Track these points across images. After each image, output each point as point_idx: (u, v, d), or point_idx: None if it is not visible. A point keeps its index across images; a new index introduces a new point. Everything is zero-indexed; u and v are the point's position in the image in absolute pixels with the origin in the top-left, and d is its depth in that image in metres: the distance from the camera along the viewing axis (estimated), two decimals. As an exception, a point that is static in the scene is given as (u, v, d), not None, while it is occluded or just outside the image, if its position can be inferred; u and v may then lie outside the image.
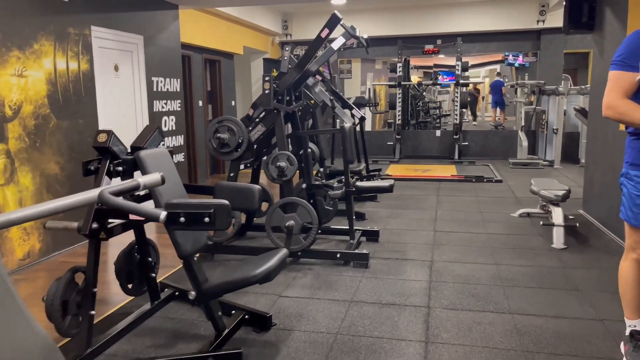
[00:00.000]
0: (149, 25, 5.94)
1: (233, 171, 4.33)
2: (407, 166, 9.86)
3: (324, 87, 6.63)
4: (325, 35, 4.06)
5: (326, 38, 4.09)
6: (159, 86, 6.16)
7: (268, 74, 4.04)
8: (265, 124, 4.28)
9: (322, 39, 4.07)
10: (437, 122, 17.17)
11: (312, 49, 4.14)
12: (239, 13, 8.75)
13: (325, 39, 4.08)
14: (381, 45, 11.19)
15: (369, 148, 9.85)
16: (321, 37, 4.07)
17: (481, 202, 6.58)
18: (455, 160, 10.24)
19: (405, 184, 7.95)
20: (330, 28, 4.07)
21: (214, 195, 2.97)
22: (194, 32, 7.73)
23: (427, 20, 10.56)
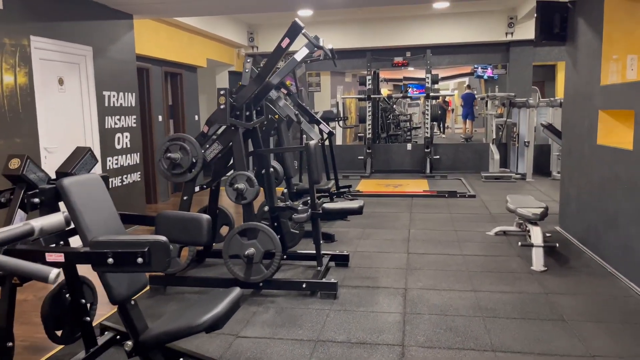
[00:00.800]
0: (99, 36, 5.51)
1: (187, 193, 3.92)
2: (378, 181, 9.58)
3: (289, 101, 6.30)
4: (286, 45, 3.73)
5: (287, 48, 3.75)
6: (111, 101, 5.72)
7: (224, 87, 3.67)
8: (222, 142, 3.90)
9: (283, 49, 3.74)
10: (407, 135, 17.06)
11: (272, 60, 3.79)
12: (201, 24, 8.37)
13: (285, 49, 3.75)
14: (350, 58, 10.96)
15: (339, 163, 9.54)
16: (281, 47, 3.73)
17: (455, 219, 6.32)
18: (427, 174, 10.02)
19: (376, 200, 7.65)
20: (291, 37, 3.73)
21: (155, 228, 2.57)
22: (152, 43, 7.31)
23: (396, 32, 10.39)
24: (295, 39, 3.73)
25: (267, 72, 3.83)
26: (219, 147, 3.91)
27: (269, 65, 3.81)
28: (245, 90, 3.88)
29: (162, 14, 6.49)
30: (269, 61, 3.80)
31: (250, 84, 3.88)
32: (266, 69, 3.82)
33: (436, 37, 10.27)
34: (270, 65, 3.80)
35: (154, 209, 7.55)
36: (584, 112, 4.91)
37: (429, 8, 9.52)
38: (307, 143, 3.98)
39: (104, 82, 5.60)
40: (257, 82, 3.86)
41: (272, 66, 3.81)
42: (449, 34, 10.23)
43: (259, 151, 4.19)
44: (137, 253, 1.95)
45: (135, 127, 6.18)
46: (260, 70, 3.85)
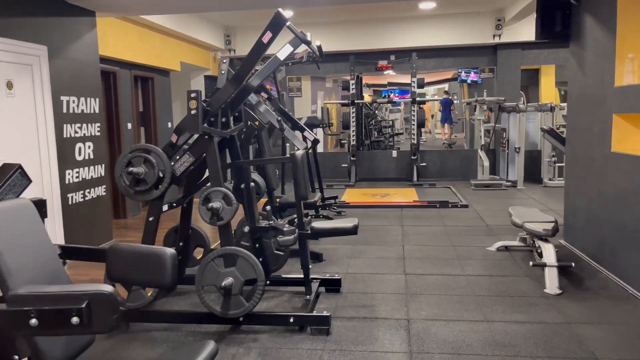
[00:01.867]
0: (55, 34, 4.91)
1: (153, 214, 3.36)
2: (364, 190, 9.10)
3: (270, 106, 5.77)
4: (268, 40, 3.21)
5: (269, 44, 3.23)
6: (70, 107, 5.12)
7: (195, 90, 3.13)
8: (194, 153, 3.36)
9: (264, 44, 3.22)
10: (390, 141, 16.69)
11: (252, 59, 3.27)
12: (174, 25, 7.80)
13: (267, 45, 3.23)
14: (333, 62, 10.48)
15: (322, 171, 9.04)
16: (262, 42, 3.21)
17: (451, 232, 5.86)
18: (415, 182, 9.58)
19: (364, 211, 7.16)
20: (273, 31, 3.22)
21: (106, 266, 2.03)
22: (120, 44, 6.72)
23: (380, 34, 9.96)
24: (278, 33, 3.22)
25: (245, 73, 3.31)
26: (191, 159, 3.37)
27: (247, 65, 3.28)
28: (221, 93, 3.34)
29: (128, 11, 5.92)
30: (247, 60, 3.28)
31: (226, 86, 3.35)
32: (245, 68, 3.30)
33: (422, 40, 9.87)
34: (250, 65, 3.28)
35: (123, 224, 6.93)
36: (594, 117, 4.50)
37: (414, 9, 9.12)
38: (294, 154, 3.47)
39: (62, 86, 5.00)
40: (234, 83, 3.33)
41: (251, 66, 3.29)
42: (435, 36, 9.84)
43: (237, 163, 3.65)
44: (72, 311, 1.43)
45: (99, 135, 5.58)
46: (237, 70, 3.32)
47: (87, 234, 5.32)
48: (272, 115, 4.77)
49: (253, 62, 3.27)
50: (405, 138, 21.85)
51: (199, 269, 3.21)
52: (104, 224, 5.65)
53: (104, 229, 5.64)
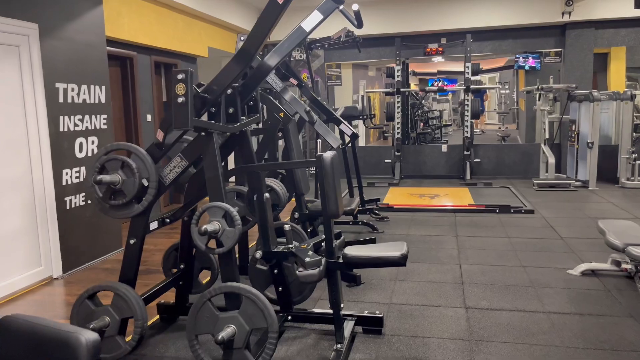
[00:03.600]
0: (49, 10, 4.19)
1: (135, 234, 2.56)
2: (410, 190, 8.11)
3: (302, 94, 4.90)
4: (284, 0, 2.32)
5: (285, 4, 2.34)
6: (68, 96, 4.40)
7: (183, 69, 2.28)
8: (187, 156, 2.52)
9: (279, 5, 2.33)
10: (436, 133, 15.55)
11: (263, 26, 2.39)
12: (199, 5, 7.02)
13: (283, 5, 2.34)
14: (376, 46, 9.50)
15: (363, 167, 8.12)
16: (277, 2, 2.32)
17: (517, 246, 4.83)
18: (468, 181, 8.50)
19: (410, 217, 6.20)
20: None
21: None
22: (136, 26, 5.99)
23: (429, 15, 8.88)
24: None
25: (254, 46, 2.43)
26: (184, 163, 2.53)
27: (257, 36, 2.41)
28: (223, 74, 2.48)
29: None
30: (256, 29, 2.41)
31: (229, 65, 2.48)
32: (253, 41, 2.42)
33: (477, 20, 8.73)
34: (259, 36, 2.40)
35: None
36: None
37: (470, -16, 8.01)
38: (321, 156, 2.58)
39: (57, 72, 4.28)
40: (240, 61, 2.45)
41: (261, 37, 2.40)
42: (493, 16, 8.68)
43: (244, 168, 2.79)
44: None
45: (105, 129, 4.85)
46: (244, 44, 2.45)
47: (90, 242, 4.63)
48: (300, 105, 3.90)
49: (264, 31, 2.39)
50: (453, 130, 20.57)
51: (191, 312, 2.38)
52: (111, 230, 4.94)
53: (112, 236, 4.94)
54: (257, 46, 2.40)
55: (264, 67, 2.84)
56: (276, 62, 2.85)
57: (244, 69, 2.46)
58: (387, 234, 5.46)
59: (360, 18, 2.85)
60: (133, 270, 2.54)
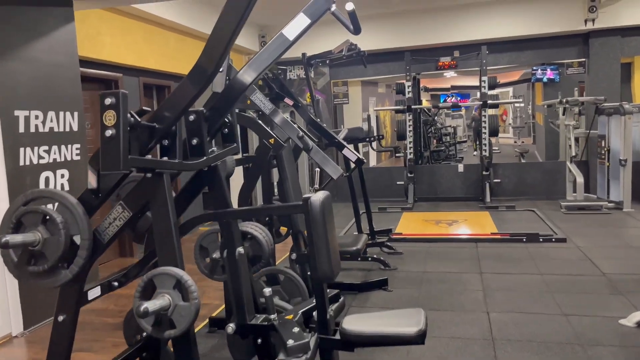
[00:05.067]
0: (6, 27, 3.67)
1: (64, 309, 1.95)
2: (425, 215, 7.44)
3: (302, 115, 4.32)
4: None
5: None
6: (30, 125, 3.86)
7: (114, 91, 1.69)
8: (130, 204, 1.91)
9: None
10: (451, 150, 14.89)
11: (223, 29, 1.79)
12: (191, 22, 6.52)
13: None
14: (384, 62, 8.92)
15: (373, 190, 7.51)
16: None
17: (553, 286, 4.14)
18: (488, 204, 7.80)
19: (426, 248, 5.53)
20: None
21: None
22: (120, 46, 5.48)
23: (441, 27, 8.30)
24: None
25: (213, 58, 1.82)
26: (126, 214, 1.92)
27: (216, 43, 1.80)
28: (175, 97, 1.89)
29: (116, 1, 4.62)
30: (215, 34, 1.81)
31: (183, 86, 1.88)
32: (212, 50, 1.81)
33: (493, 31, 8.12)
34: (219, 43, 1.80)
35: (129, 263, 5.64)
36: None
37: (484, -8, 7.43)
38: (308, 200, 1.96)
39: (18, 98, 3.75)
40: (195, 79, 1.85)
41: (222, 44, 1.80)
42: (510, 25, 8.07)
43: (206, 216, 2.18)
44: None
45: (79, 160, 4.30)
46: (201, 56, 1.84)
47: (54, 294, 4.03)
48: (293, 129, 3.29)
49: (225, 37, 1.80)
50: (468, 146, 19.85)
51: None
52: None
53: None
54: (216, 59, 1.80)
55: (236, 85, 2.26)
56: (252, 78, 2.26)
57: (201, 89, 1.86)
58: (401, 271, 4.80)
59: (356, 21, 2.27)
60: (63, 357, 1.92)
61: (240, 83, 2.24)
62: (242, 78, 2.24)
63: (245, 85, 2.26)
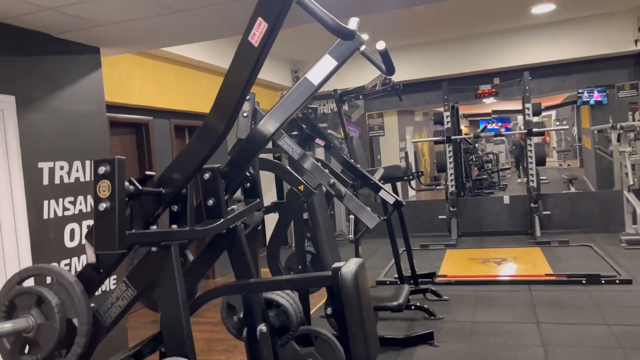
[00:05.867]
0: (29, 79, 3.60)
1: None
2: (470, 253, 6.98)
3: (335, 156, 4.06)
4: (262, 38, 1.48)
5: (264, 49, 1.50)
6: (55, 176, 3.75)
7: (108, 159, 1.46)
8: (135, 282, 1.67)
9: (254, 48, 1.50)
10: (493, 177, 14.33)
11: (235, 82, 1.57)
12: (222, 62, 6.46)
13: (260, 49, 1.50)
14: (420, 91, 8.65)
15: (414, 224, 7.15)
16: (249, 42, 1.49)
17: (624, 341, 3.65)
18: (538, 239, 7.27)
19: (474, 292, 5.10)
20: (266, 16, 1.46)
21: None
22: (151, 89, 5.43)
23: (479, 54, 7.98)
24: (277, 21, 1.47)
25: (225, 113, 1.59)
26: (130, 293, 1.68)
27: (227, 97, 1.58)
28: (184, 158, 1.67)
29: (145, 43, 4.55)
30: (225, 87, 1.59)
31: (192, 144, 1.65)
32: (223, 105, 1.58)
33: (535, 55, 7.74)
34: (230, 96, 1.57)
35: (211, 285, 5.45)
36: None
37: (525, 16, 7.09)
38: (338, 271, 1.67)
39: (42, 149, 3.65)
40: (206, 137, 1.62)
41: (234, 97, 1.57)
42: (553, 49, 7.67)
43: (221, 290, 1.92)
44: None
45: (105, 209, 4.15)
46: (210, 113, 1.61)
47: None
48: (324, 175, 3.03)
49: (237, 90, 1.57)
50: (511, 171, 19.12)
51: None
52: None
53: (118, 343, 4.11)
54: (227, 117, 1.57)
55: (256, 137, 2.02)
56: (274, 129, 2.02)
57: (212, 150, 1.63)
58: (447, 321, 4.39)
59: (389, 60, 2.01)
60: None
61: (261, 135, 2.01)
62: (264, 129, 2.00)
63: (267, 137, 2.01)
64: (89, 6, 3.20)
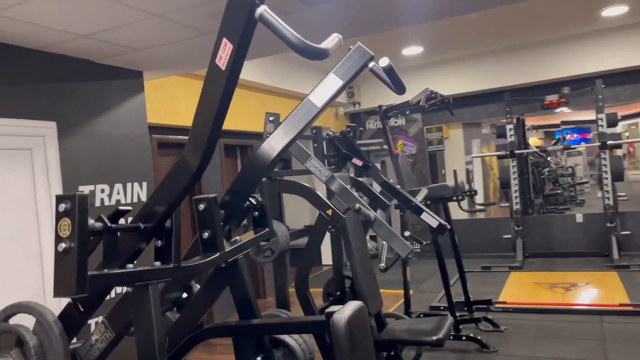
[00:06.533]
0: (70, 105, 3.70)
1: None
2: (537, 276, 6.45)
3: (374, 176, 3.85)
4: (225, 62, 1.32)
5: (233, 68, 1.34)
6: (96, 199, 3.81)
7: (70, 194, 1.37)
8: (113, 323, 1.56)
9: (222, 72, 1.35)
10: (570, 191, 13.37)
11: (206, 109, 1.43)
12: (272, 80, 6.46)
13: (230, 71, 1.34)
14: (481, 104, 8.22)
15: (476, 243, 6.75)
16: (219, 67, 1.34)
17: None
18: (615, 262, 6.59)
19: (537, 321, 4.66)
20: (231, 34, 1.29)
21: None
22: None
23: (545, 62, 7.46)
24: (245, 40, 1.32)
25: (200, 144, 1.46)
26: (109, 335, 1.58)
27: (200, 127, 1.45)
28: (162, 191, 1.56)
29: (187, 66, 4.58)
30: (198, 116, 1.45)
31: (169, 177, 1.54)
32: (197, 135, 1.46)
33: (609, 62, 7.11)
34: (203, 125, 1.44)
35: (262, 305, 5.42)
36: None
37: (595, 21, 6.54)
38: (331, 317, 1.47)
39: (82, 173, 3.72)
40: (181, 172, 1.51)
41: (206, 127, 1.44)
42: (628, 54, 7.02)
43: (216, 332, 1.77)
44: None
45: (147, 231, 4.18)
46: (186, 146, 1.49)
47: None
48: (351, 199, 2.83)
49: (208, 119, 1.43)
50: (590, 184, 17.80)
51: None
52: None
53: None
54: (203, 146, 1.44)
55: (257, 162, 1.88)
56: (276, 153, 1.87)
57: (188, 186, 1.51)
58: (502, 354, 4.02)
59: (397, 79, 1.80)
60: None
61: (261, 161, 1.87)
62: (264, 155, 1.86)
63: (267, 163, 1.87)
64: (122, 32, 3.23)
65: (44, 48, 3.43)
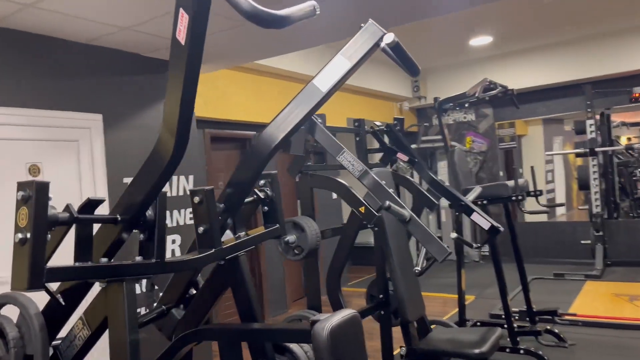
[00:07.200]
0: (116, 98, 3.76)
1: None
2: (616, 287, 5.82)
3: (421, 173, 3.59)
4: (183, 36, 1.17)
5: (194, 47, 1.19)
6: (140, 191, 3.86)
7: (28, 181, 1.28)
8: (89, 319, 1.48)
9: (182, 46, 1.20)
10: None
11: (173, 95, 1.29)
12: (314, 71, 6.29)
13: (192, 47, 1.19)
14: (558, 97, 7.59)
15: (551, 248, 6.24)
16: (179, 41, 1.20)
17: None
18: None
19: (611, 338, 4.17)
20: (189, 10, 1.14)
21: None
22: (249, 105, 5.46)
23: (631, 51, 6.73)
24: (202, 10, 1.17)
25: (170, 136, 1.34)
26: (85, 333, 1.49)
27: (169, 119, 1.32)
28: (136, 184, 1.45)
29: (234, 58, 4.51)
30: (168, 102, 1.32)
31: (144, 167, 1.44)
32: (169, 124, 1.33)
33: None
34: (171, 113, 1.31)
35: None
36: None
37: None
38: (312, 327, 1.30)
39: (127, 165, 3.77)
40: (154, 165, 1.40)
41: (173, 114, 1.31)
42: None
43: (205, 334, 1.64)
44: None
45: (192, 224, 4.18)
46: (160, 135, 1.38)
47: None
48: (383, 195, 2.61)
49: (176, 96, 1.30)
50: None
51: None
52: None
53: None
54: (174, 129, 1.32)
55: (258, 150, 1.74)
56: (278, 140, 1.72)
57: (168, 169, 1.39)
58: (564, 373, 3.61)
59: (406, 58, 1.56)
60: None
61: (263, 147, 1.72)
62: (264, 144, 1.72)
63: (269, 149, 1.72)
64: (162, 24, 3.21)
65: (89, 41, 3.49)
